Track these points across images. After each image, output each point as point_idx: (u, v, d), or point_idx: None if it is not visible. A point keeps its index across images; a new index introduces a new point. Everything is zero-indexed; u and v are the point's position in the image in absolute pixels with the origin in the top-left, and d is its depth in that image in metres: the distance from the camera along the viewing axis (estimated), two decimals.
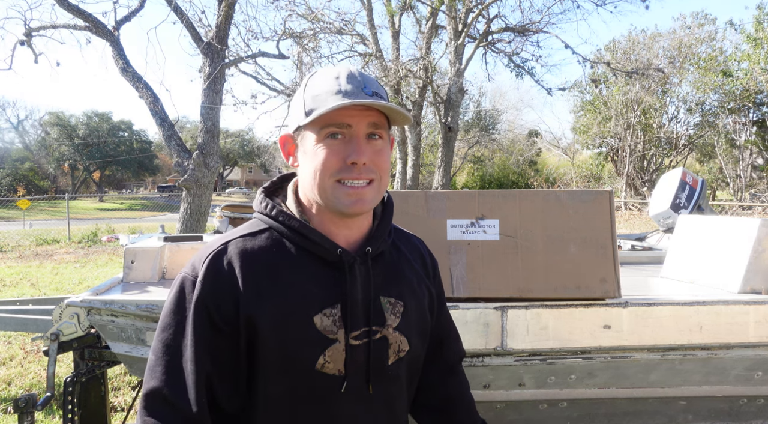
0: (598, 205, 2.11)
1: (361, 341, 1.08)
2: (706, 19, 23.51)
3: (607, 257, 2.11)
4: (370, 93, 1.03)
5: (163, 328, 1.04)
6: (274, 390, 1.05)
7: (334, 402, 1.07)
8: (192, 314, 1.02)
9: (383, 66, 14.06)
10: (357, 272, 1.09)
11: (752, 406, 2.58)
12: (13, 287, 8.20)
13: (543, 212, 2.12)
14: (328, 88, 1.03)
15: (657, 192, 4.74)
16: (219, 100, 8.06)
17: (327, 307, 1.05)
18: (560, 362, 2.24)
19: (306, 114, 1.03)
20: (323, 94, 1.02)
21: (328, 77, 1.05)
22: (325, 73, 1.07)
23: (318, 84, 1.05)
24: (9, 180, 40.40)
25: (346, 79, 1.03)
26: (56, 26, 8.14)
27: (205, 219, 8.01)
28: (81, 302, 2.22)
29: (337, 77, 1.04)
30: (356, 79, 1.04)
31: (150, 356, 1.05)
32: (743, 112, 22.07)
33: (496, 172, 40.44)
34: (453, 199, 2.09)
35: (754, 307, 2.30)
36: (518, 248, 2.10)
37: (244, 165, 65.65)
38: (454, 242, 2.04)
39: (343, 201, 1.03)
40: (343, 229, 1.10)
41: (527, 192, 2.16)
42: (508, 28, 15.55)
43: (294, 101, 1.10)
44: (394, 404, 1.16)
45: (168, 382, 1.01)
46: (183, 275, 1.06)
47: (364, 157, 1.02)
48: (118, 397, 4.16)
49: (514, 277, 2.12)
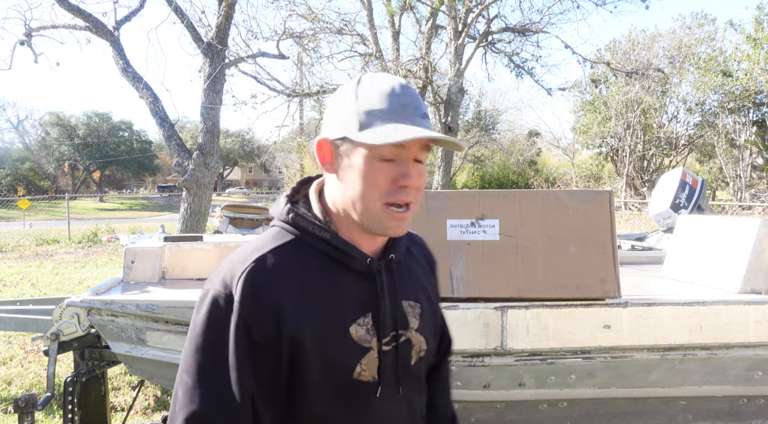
0: (598, 206, 2.12)
1: (390, 347, 1.11)
2: (705, 20, 23.53)
3: (607, 257, 2.12)
4: (423, 114, 1.03)
5: (197, 348, 1.02)
6: (315, 403, 1.06)
7: (370, 407, 1.09)
8: (233, 335, 1.00)
9: (383, 66, 14.05)
10: (384, 280, 1.10)
11: (752, 406, 2.58)
12: (13, 287, 8.21)
13: (543, 212, 2.14)
14: (384, 106, 1.01)
15: (657, 192, 4.75)
16: (219, 100, 8.06)
17: (360, 317, 1.07)
18: (560, 362, 2.25)
19: (360, 128, 1.00)
20: (379, 112, 1.00)
21: (382, 91, 1.03)
22: (378, 85, 1.04)
23: (371, 97, 1.02)
24: (9, 180, 40.40)
25: (401, 98, 1.02)
26: (56, 26, 8.14)
27: (205, 219, 8.00)
28: (81, 302, 2.22)
29: (390, 93, 1.02)
30: (411, 98, 1.03)
31: (183, 377, 1.02)
32: (743, 112, 22.07)
33: (496, 172, 40.43)
34: (453, 199, 2.11)
35: (754, 307, 2.30)
36: (518, 247, 2.11)
37: (244, 165, 65.65)
38: (455, 242, 2.06)
39: (388, 225, 1.04)
40: (368, 239, 1.10)
41: (527, 192, 2.17)
42: (508, 28, 15.54)
43: (339, 107, 1.07)
44: (415, 402, 1.20)
45: (212, 406, 1.00)
46: (214, 292, 1.03)
47: (414, 181, 1.02)
48: (118, 397, 4.16)
49: (514, 277, 2.13)
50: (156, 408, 3.99)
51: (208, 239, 2.87)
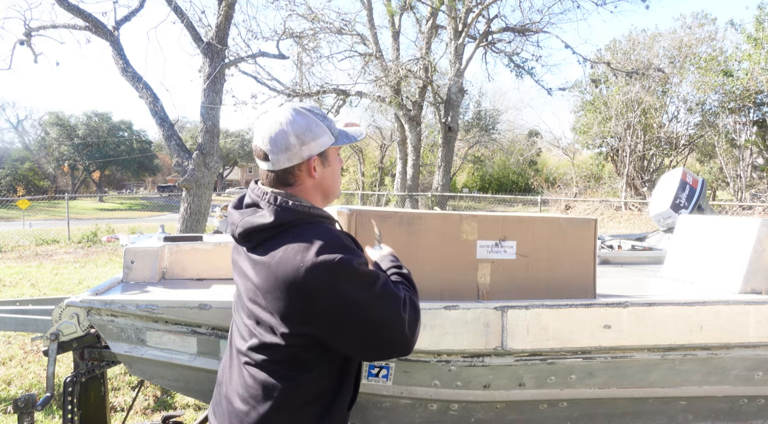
0: (586, 231, 2.36)
1: None
2: (706, 19, 23.51)
3: (588, 274, 2.37)
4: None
5: (374, 279, 1.35)
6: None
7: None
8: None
9: (383, 66, 14.05)
10: None
11: (752, 406, 2.58)
12: (12, 287, 8.20)
13: (548, 235, 2.30)
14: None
15: (657, 192, 4.74)
16: (219, 100, 8.05)
17: None
18: (560, 362, 2.25)
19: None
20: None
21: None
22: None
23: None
24: (9, 180, 40.41)
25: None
26: (56, 26, 8.13)
27: (205, 219, 8.00)
28: (81, 302, 2.22)
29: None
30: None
31: (384, 291, 1.34)
32: (743, 112, 22.05)
33: (496, 172, 40.44)
34: (483, 223, 2.25)
35: (754, 307, 2.30)
36: (528, 266, 2.29)
37: (244, 165, 65.62)
38: (482, 260, 2.26)
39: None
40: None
41: (538, 218, 2.35)
42: (508, 28, 15.55)
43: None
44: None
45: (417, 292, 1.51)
46: (348, 257, 1.31)
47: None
48: (118, 397, 4.16)
49: (523, 290, 2.29)
50: (156, 408, 3.99)
51: (208, 239, 2.87)
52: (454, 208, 23.30)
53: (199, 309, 2.14)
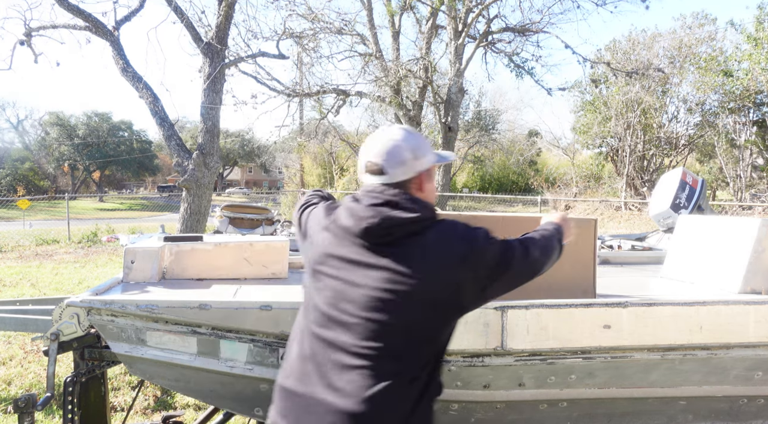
0: (586, 231, 2.39)
1: None
2: (706, 19, 23.49)
3: (588, 274, 2.39)
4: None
5: (506, 245, 1.60)
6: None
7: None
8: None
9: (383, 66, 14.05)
10: None
11: (752, 406, 2.58)
12: (13, 287, 8.20)
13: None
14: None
15: (657, 192, 4.75)
16: (219, 100, 8.05)
17: None
18: (560, 362, 2.25)
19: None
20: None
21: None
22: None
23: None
24: (9, 180, 40.40)
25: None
26: (56, 26, 8.12)
27: (205, 219, 8.00)
28: (81, 302, 2.22)
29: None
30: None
31: (535, 239, 1.73)
32: (743, 112, 22.04)
33: (496, 172, 40.40)
34: (481, 222, 2.24)
35: (754, 307, 2.30)
36: None
37: (244, 165, 65.64)
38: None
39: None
40: None
41: (538, 218, 2.35)
42: (508, 28, 15.54)
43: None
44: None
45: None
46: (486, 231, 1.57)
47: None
48: (118, 397, 4.16)
49: (527, 289, 2.26)
50: (156, 408, 3.99)
51: (208, 239, 2.87)
52: (454, 209, 23.29)
53: (199, 309, 2.14)
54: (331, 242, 1.53)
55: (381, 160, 1.52)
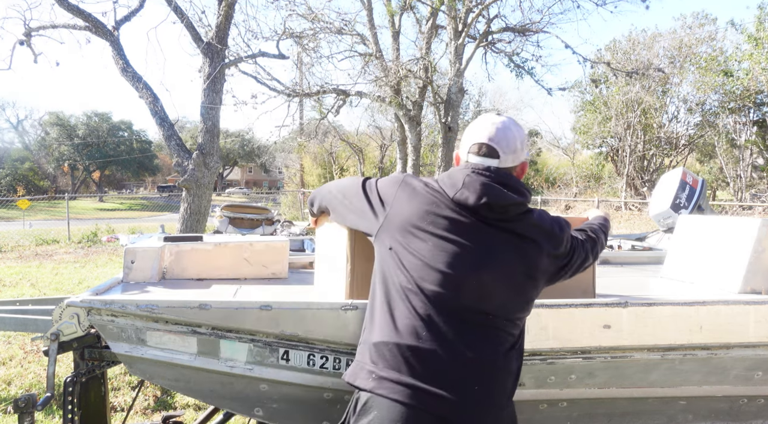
0: None
1: None
2: (706, 19, 23.50)
3: (587, 274, 2.37)
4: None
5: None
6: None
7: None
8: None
9: (383, 66, 14.05)
10: None
11: (752, 406, 2.58)
12: (12, 287, 8.20)
13: None
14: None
15: (657, 192, 4.75)
16: (219, 100, 8.05)
17: None
18: (560, 362, 2.25)
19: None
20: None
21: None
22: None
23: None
24: (9, 180, 40.42)
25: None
26: (56, 26, 8.11)
27: (205, 219, 8.00)
28: (81, 302, 2.22)
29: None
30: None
31: (597, 232, 2.04)
32: (744, 112, 22.05)
33: None
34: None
35: (754, 307, 2.30)
36: None
37: (244, 165, 65.67)
38: None
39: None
40: None
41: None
42: (508, 28, 15.53)
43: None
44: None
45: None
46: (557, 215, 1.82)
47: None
48: (118, 397, 4.16)
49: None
50: (156, 408, 3.99)
51: (208, 239, 2.87)
52: None
53: (199, 309, 2.14)
54: (433, 203, 1.65)
55: (497, 145, 1.66)
